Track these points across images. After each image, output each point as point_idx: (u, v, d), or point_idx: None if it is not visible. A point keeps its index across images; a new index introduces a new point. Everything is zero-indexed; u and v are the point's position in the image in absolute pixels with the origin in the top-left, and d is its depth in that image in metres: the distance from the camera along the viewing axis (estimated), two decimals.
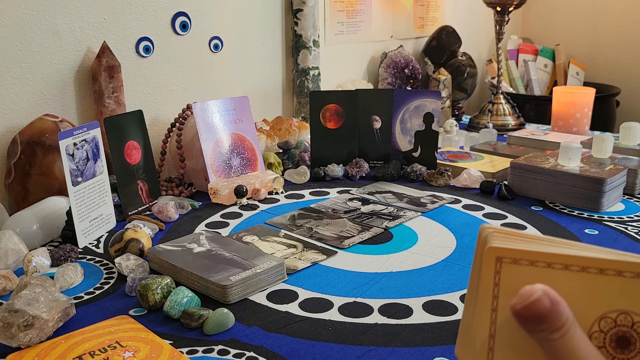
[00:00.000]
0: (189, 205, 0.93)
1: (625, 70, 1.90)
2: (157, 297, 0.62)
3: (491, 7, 1.41)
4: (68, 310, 0.59)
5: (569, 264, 0.30)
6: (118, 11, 1.02)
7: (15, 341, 0.55)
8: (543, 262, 0.31)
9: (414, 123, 1.10)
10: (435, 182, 1.03)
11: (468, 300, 0.35)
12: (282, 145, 1.15)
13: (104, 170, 0.85)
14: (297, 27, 1.31)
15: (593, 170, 0.93)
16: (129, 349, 0.54)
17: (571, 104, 1.33)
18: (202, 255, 0.70)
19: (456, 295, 0.64)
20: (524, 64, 1.93)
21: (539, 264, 0.31)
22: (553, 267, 0.31)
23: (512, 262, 0.31)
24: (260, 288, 0.66)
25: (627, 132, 1.14)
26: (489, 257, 0.31)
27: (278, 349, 0.55)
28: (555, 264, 0.30)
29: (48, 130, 0.88)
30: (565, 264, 0.30)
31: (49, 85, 0.96)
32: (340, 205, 0.93)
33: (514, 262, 0.31)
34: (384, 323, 0.59)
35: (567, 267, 0.30)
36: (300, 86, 1.33)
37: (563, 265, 0.30)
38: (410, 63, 1.53)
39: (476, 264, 0.34)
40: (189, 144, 1.02)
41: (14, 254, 0.72)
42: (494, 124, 1.44)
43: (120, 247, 0.73)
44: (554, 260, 0.30)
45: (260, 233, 0.82)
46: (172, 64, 1.12)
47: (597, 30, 1.95)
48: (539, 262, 0.31)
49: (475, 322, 0.32)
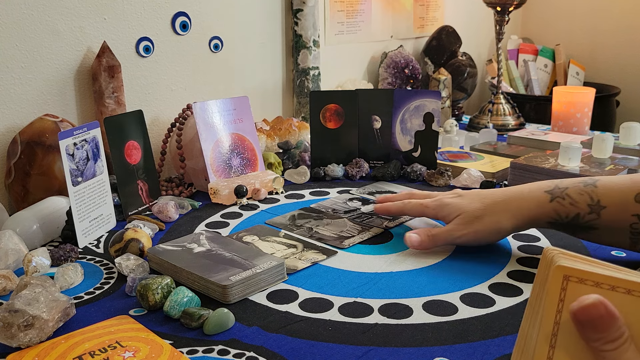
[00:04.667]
0: (189, 205, 0.93)
1: (625, 70, 1.90)
2: (157, 297, 0.62)
3: (491, 7, 1.41)
4: (68, 310, 0.59)
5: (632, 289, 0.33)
6: (118, 11, 1.02)
7: (15, 341, 0.55)
8: (607, 285, 0.33)
9: (414, 123, 1.10)
10: (435, 182, 1.03)
11: (528, 314, 0.38)
12: (282, 145, 1.15)
13: (104, 170, 0.85)
14: (297, 27, 1.31)
15: (593, 170, 0.93)
16: (129, 349, 0.54)
17: (571, 104, 1.33)
18: (202, 255, 0.70)
19: (456, 295, 0.64)
20: (524, 64, 1.93)
21: (603, 286, 0.33)
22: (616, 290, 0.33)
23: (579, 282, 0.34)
24: (260, 288, 0.66)
25: (627, 132, 1.14)
26: (557, 275, 0.34)
27: (278, 349, 0.55)
28: (618, 287, 0.33)
29: (48, 130, 0.88)
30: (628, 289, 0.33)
31: (49, 85, 0.96)
32: (340, 205, 0.93)
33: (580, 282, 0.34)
34: (384, 323, 0.59)
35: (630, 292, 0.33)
36: (300, 86, 1.33)
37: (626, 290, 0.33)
38: (410, 63, 1.53)
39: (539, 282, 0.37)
40: (189, 144, 1.02)
41: (14, 254, 0.72)
42: (494, 124, 1.44)
43: (120, 247, 0.73)
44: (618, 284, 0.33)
45: (261, 233, 0.82)
46: (172, 64, 1.12)
47: (597, 30, 1.95)
48: (603, 284, 0.33)
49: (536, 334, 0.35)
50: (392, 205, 0.81)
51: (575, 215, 0.68)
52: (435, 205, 0.76)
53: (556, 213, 0.69)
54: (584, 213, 0.67)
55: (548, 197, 0.69)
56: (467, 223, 0.71)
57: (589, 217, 0.67)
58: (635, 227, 0.66)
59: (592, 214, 0.67)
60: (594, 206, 0.67)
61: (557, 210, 0.68)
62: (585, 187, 0.68)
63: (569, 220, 0.68)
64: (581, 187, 0.68)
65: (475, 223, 0.71)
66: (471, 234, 0.71)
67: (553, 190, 0.70)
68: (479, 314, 0.61)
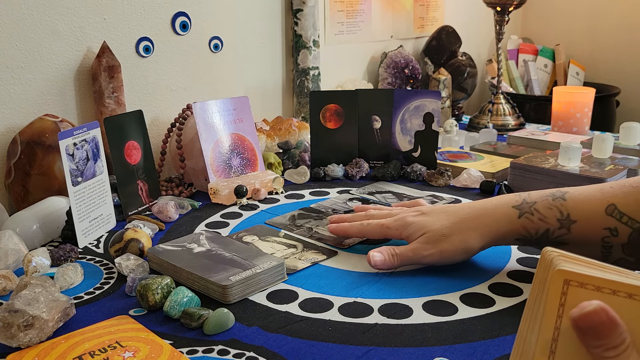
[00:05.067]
0: (189, 205, 0.93)
1: (625, 70, 1.90)
2: (157, 297, 0.62)
3: (491, 7, 1.41)
4: (68, 310, 0.59)
5: (633, 293, 0.32)
6: (118, 11, 1.02)
7: (15, 341, 0.55)
8: (608, 289, 0.33)
9: (414, 123, 1.10)
10: (435, 182, 1.03)
11: (526, 317, 0.37)
12: (282, 145, 1.15)
13: (104, 170, 0.85)
14: (297, 27, 1.31)
15: (593, 170, 0.93)
16: (129, 349, 0.54)
17: (571, 104, 1.33)
18: (202, 255, 0.70)
19: (456, 295, 0.64)
20: (524, 64, 1.93)
21: (604, 290, 0.33)
22: (618, 294, 0.33)
23: (579, 286, 0.33)
24: (260, 288, 0.66)
25: (627, 132, 1.14)
26: (558, 279, 0.33)
27: (278, 349, 0.55)
28: (620, 292, 0.33)
29: (48, 130, 0.88)
30: (630, 293, 0.32)
31: (49, 85, 0.96)
32: (340, 205, 0.93)
33: (581, 286, 0.33)
34: (384, 323, 0.59)
35: (632, 296, 0.32)
36: (300, 86, 1.33)
37: (627, 294, 0.32)
38: (410, 63, 1.53)
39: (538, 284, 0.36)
40: (189, 144, 1.02)
41: (14, 254, 0.72)
42: (494, 124, 1.44)
43: (120, 247, 0.73)
44: (620, 288, 0.33)
45: (261, 233, 0.82)
46: (172, 64, 1.12)
47: (597, 30, 1.95)
48: (604, 288, 0.33)
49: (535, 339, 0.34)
50: (350, 227, 0.76)
51: (545, 231, 0.65)
52: (398, 225, 0.71)
53: (525, 229, 0.65)
54: (554, 228, 0.64)
55: (516, 213, 0.66)
56: (433, 242, 0.67)
57: (559, 232, 0.64)
58: (606, 240, 0.63)
59: (562, 228, 0.64)
60: (564, 221, 0.64)
61: (526, 226, 0.65)
62: (554, 201, 0.65)
63: (539, 237, 0.65)
64: (550, 200, 0.65)
65: (441, 242, 0.67)
66: (437, 254, 0.67)
67: (521, 205, 0.66)
68: (479, 314, 0.61)
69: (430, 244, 0.67)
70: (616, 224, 0.62)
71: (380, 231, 0.73)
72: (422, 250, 0.68)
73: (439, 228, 0.68)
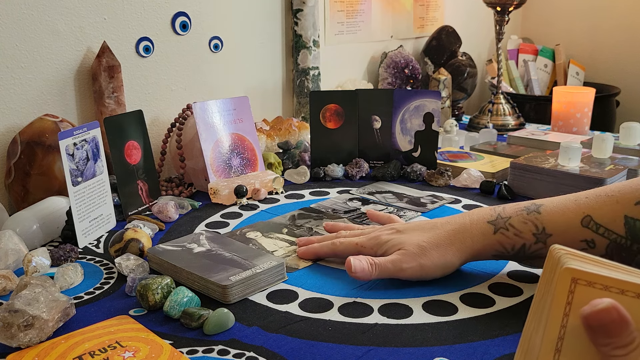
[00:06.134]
0: (189, 205, 0.93)
1: (625, 70, 1.90)
2: (157, 297, 0.62)
3: (491, 7, 1.41)
4: (68, 310, 0.59)
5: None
6: (118, 11, 1.02)
7: (15, 341, 0.55)
8: (617, 289, 0.33)
9: (414, 123, 1.10)
10: (435, 182, 1.03)
11: (533, 315, 0.37)
12: (282, 145, 1.15)
13: (104, 170, 0.85)
14: (297, 27, 1.31)
15: (593, 170, 0.93)
16: (129, 349, 0.54)
17: (571, 104, 1.33)
18: (202, 255, 0.70)
19: (456, 295, 0.64)
20: (524, 64, 1.93)
21: (612, 290, 0.33)
22: (626, 294, 0.32)
23: (587, 285, 0.33)
24: (260, 288, 0.66)
25: (627, 132, 1.14)
26: (565, 277, 0.33)
27: (278, 349, 0.55)
28: (628, 291, 0.32)
29: (48, 130, 0.88)
30: (638, 293, 0.32)
31: (49, 85, 0.96)
32: (340, 205, 0.93)
33: (589, 285, 0.33)
34: (384, 323, 0.59)
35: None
36: (300, 86, 1.33)
37: (636, 294, 0.32)
38: (410, 63, 1.53)
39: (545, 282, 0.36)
40: (189, 144, 1.02)
41: (14, 254, 0.72)
42: (494, 124, 1.44)
43: (120, 247, 0.73)
44: (628, 288, 0.32)
45: (264, 229, 0.82)
46: (172, 64, 1.12)
47: (597, 30, 1.95)
48: (612, 287, 0.33)
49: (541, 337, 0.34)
50: (320, 247, 0.73)
51: (521, 247, 0.63)
52: (373, 244, 0.69)
53: (501, 245, 0.64)
54: (530, 243, 0.63)
55: (491, 229, 0.64)
56: (412, 255, 0.65)
57: (536, 247, 0.63)
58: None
59: (539, 243, 0.62)
60: (540, 235, 0.62)
61: (502, 242, 0.64)
62: (529, 215, 0.63)
63: (515, 252, 0.64)
64: (524, 215, 0.63)
65: (420, 256, 0.65)
66: (417, 267, 0.65)
67: (496, 220, 0.65)
68: (479, 314, 0.61)
69: (409, 256, 0.65)
70: (593, 235, 0.60)
71: (354, 249, 0.70)
72: (402, 262, 0.65)
73: (416, 242, 0.66)
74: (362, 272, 0.64)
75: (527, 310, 0.39)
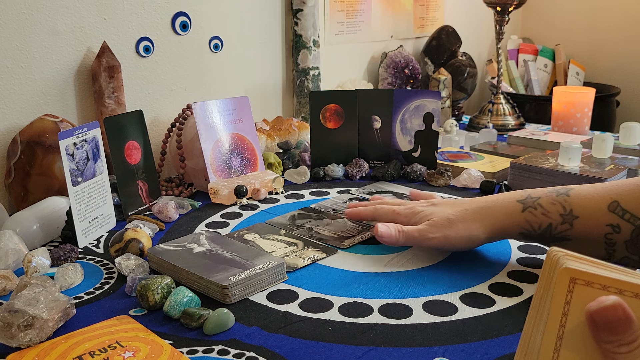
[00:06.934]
0: (189, 205, 0.93)
1: (625, 70, 1.90)
2: (157, 297, 0.62)
3: (491, 7, 1.41)
4: (68, 310, 0.59)
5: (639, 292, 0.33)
6: (118, 11, 1.02)
7: (15, 341, 0.55)
8: (615, 288, 0.33)
9: (414, 123, 1.10)
10: (435, 182, 1.03)
11: (531, 316, 0.37)
12: (282, 145, 1.15)
13: (104, 170, 0.85)
14: (297, 27, 1.31)
15: (593, 170, 0.93)
16: (129, 349, 0.54)
17: (571, 104, 1.33)
18: (202, 255, 0.70)
19: (456, 295, 0.64)
20: (524, 64, 1.93)
21: (610, 289, 0.33)
22: (624, 294, 0.33)
23: (585, 285, 0.33)
24: (260, 288, 0.66)
25: (627, 132, 1.14)
26: (564, 277, 0.33)
27: (278, 349, 0.55)
28: (626, 291, 0.33)
29: (48, 130, 0.88)
30: (636, 293, 0.33)
31: (49, 85, 0.96)
32: (340, 205, 0.93)
33: (587, 285, 0.33)
34: (384, 323, 0.59)
35: (638, 295, 0.33)
36: (300, 86, 1.33)
37: (634, 294, 0.33)
38: (410, 63, 1.53)
39: (544, 283, 0.36)
40: (189, 144, 1.02)
41: (14, 254, 0.72)
42: (494, 124, 1.44)
43: (120, 247, 0.73)
44: (626, 287, 0.33)
45: (262, 231, 0.82)
46: (172, 64, 1.12)
47: (597, 30, 1.95)
48: (610, 287, 0.33)
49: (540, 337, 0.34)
50: (363, 210, 0.80)
51: (548, 226, 0.66)
52: (408, 213, 0.74)
53: (528, 223, 0.67)
54: (556, 223, 0.65)
55: (520, 207, 0.68)
56: (438, 226, 0.70)
57: (562, 228, 0.65)
58: (609, 237, 0.63)
59: (565, 224, 0.65)
60: (567, 216, 0.65)
61: (529, 220, 0.67)
62: (558, 197, 0.66)
63: (542, 232, 0.67)
64: (554, 196, 0.66)
65: (446, 228, 0.69)
66: (442, 238, 0.69)
67: (525, 200, 0.68)
68: (479, 314, 0.61)
69: (436, 227, 0.70)
70: (618, 220, 0.63)
71: (390, 216, 0.76)
72: (428, 232, 0.70)
73: (445, 214, 0.70)
74: (388, 237, 0.71)
75: (527, 310, 0.39)
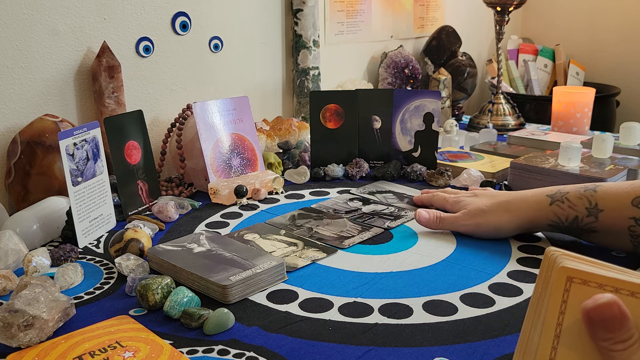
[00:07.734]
0: (189, 205, 0.93)
1: (625, 70, 1.90)
2: (157, 297, 0.62)
3: (491, 7, 1.41)
4: (68, 310, 0.59)
5: (635, 291, 0.33)
6: (118, 11, 1.02)
7: (15, 341, 0.55)
8: (611, 287, 0.33)
9: (414, 123, 1.10)
10: (435, 182, 1.03)
11: (530, 315, 0.38)
12: (282, 145, 1.15)
13: (104, 170, 0.85)
14: (297, 27, 1.31)
15: (593, 170, 0.93)
16: (129, 349, 0.54)
17: (571, 104, 1.33)
18: (202, 255, 0.70)
19: (456, 295, 0.64)
20: (524, 64, 1.93)
21: (606, 288, 0.33)
22: (620, 292, 0.33)
23: (582, 283, 0.33)
24: (260, 288, 0.66)
25: (627, 132, 1.14)
26: (561, 276, 0.34)
27: (278, 349, 0.55)
28: (622, 289, 0.33)
29: (48, 130, 0.88)
30: (632, 291, 0.33)
31: (49, 85, 0.96)
32: (341, 205, 0.93)
33: (584, 283, 0.33)
34: (384, 323, 0.59)
35: (634, 294, 0.33)
36: (300, 86, 1.33)
37: (630, 292, 0.33)
38: (410, 63, 1.53)
39: (541, 283, 0.37)
40: (189, 144, 1.02)
41: (14, 254, 0.72)
42: (494, 124, 1.44)
43: (120, 247, 0.73)
44: (622, 286, 0.33)
45: (261, 231, 0.82)
46: (172, 64, 1.12)
47: (597, 30, 1.95)
48: (607, 286, 0.33)
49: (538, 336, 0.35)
50: (424, 196, 0.92)
51: (574, 218, 0.72)
52: (453, 201, 0.84)
53: (556, 216, 0.73)
54: (582, 216, 0.71)
55: (548, 200, 0.74)
56: (471, 215, 0.78)
57: (588, 220, 0.71)
58: (633, 229, 0.69)
59: (590, 216, 0.71)
60: (592, 209, 0.71)
61: (557, 212, 0.73)
62: (585, 192, 0.72)
63: (569, 224, 0.73)
64: (581, 191, 0.72)
65: (478, 217, 0.78)
66: (472, 225, 0.78)
67: (555, 194, 0.74)
68: (479, 314, 0.61)
69: (469, 216, 0.79)
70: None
71: (441, 203, 0.87)
72: (462, 220, 0.79)
73: (479, 204, 0.79)
74: (425, 222, 0.81)
75: (526, 310, 0.39)
